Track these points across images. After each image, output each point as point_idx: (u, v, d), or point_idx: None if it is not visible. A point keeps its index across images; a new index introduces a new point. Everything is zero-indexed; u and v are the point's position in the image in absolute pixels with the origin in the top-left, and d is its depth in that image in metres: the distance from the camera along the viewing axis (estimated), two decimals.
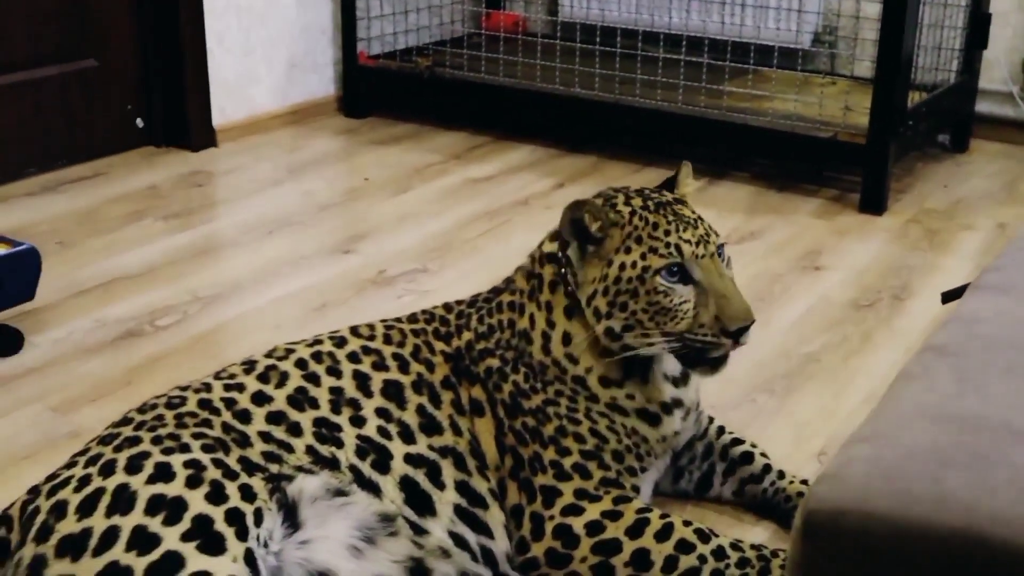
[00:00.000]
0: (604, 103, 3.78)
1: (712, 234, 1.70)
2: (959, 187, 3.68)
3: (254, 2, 3.99)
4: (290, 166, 3.76)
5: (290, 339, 1.84)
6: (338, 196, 3.51)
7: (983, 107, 4.10)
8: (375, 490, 1.62)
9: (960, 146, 4.06)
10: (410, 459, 1.68)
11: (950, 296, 1.88)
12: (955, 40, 3.86)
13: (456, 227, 3.24)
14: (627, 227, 1.68)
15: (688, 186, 1.83)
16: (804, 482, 1.89)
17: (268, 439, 1.61)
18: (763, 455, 1.94)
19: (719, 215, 3.28)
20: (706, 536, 1.66)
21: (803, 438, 2.15)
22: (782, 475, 1.90)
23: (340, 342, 1.79)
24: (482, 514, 1.70)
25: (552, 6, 4.73)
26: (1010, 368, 1.25)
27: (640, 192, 1.75)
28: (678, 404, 1.79)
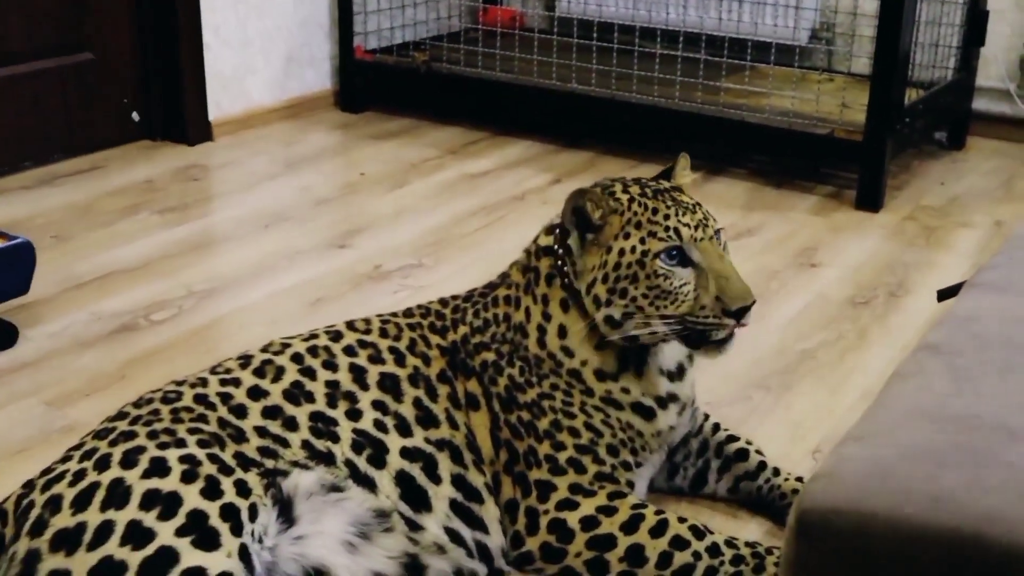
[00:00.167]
0: (601, 99, 3.78)
1: (710, 218, 1.70)
2: (956, 184, 3.68)
3: None
4: (286, 160, 3.75)
5: (286, 334, 1.84)
6: (334, 191, 3.50)
7: (980, 104, 4.10)
8: (371, 485, 1.62)
9: (957, 143, 4.06)
10: (406, 453, 1.67)
11: (946, 294, 1.89)
12: (952, 37, 3.86)
13: (452, 222, 3.24)
14: (626, 213, 1.68)
15: (685, 177, 1.82)
16: (799, 479, 1.89)
17: (264, 434, 1.61)
18: (758, 452, 1.93)
19: (715, 211, 3.22)
20: (701, 533, 1.66)
21: (798, 435, 2.15)
22: (777, 472, 1.90)
23: (336, 336, 1.79)
24: (477, 509, 1.70)
25: (549, 1, 4.72)
26: (1006, 367, 1.25)
27: (637, 181, 1.75)
28: (673, 399, 1.79)
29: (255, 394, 1.65)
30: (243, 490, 1.46)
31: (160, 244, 3.02)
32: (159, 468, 1.44)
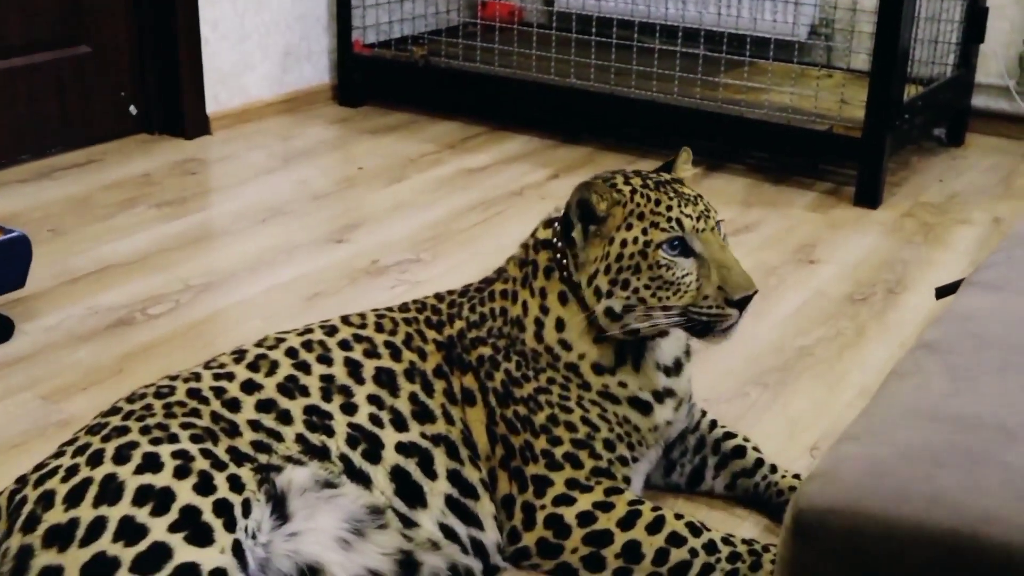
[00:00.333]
0: (599, 94, 3.77)
1: (711, 210, 1.70)
2: (954, 181, 3.67)
3: None
4: (284, 155, 3.75)
5: (282, 328, 1.83)
6: (332, 185, 3.49)
7: (979, 101, 4.10)
8: (365, 480, 1.62)
9: (956, 140, 4.05)
10: (402, 448, 1.67)
11: (944, 291, 1.88)
12: (952, 34, 3.85)
13: (450, 217, 3.23)
14: (629, 204, 1.68)
15: (686, 171, 1.82)
16: (796, 476, 1.89)
17: (257, 427, 1.60)
18: (755, 449, 1.93)
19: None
20: (697, 530, 1.66)
21: (796, 432, 2.15)
22: (774, 469, 1.90)
23: (331, 331, 1.78)
24: (473, 505, 1.70)
25: None
26: (1003, 367, 1.24)
27: (638, 173, 1.75)
28: (670, 394, 1.78)
29: (249, 388, 1.65)
30: (236, 486, 1.45)
31: (157, 238, 3.01)
32: (152, 464, 1.43)
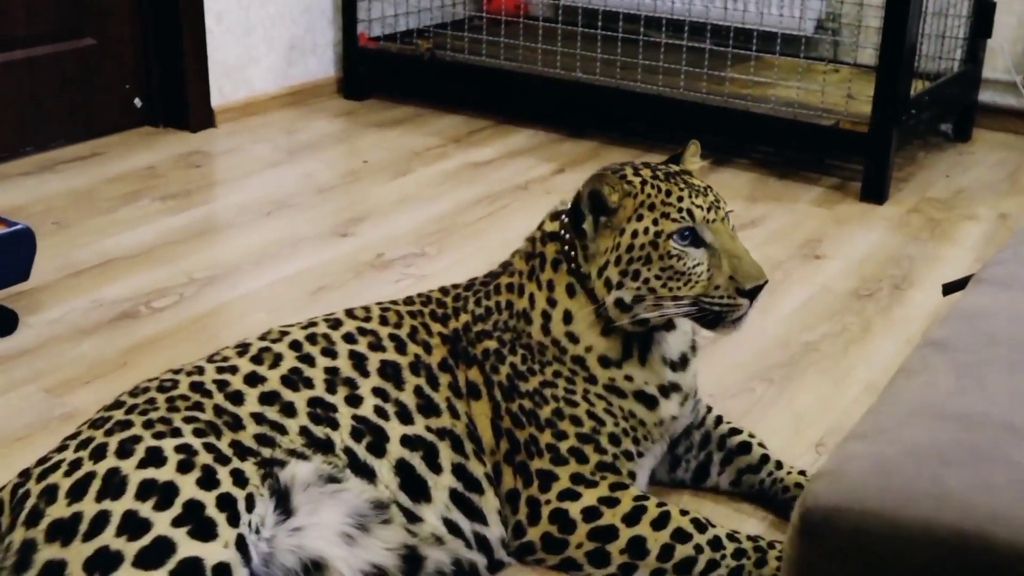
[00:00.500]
0: (605, 88, 3.76)
1: (721, 200, 1.70)
2: (961, 177, 3.66)
3: None
4: (289, 148, 3.74)
5: (287, 322, 1.83)
6: (337, 179, 3.49)
7: (986, 96, 4.09)
8: (370, 474, 1.61)
9: (963, 135, 4.04)
10: (407, 441, 1.66)
11: (951, 288, 1.87)
12: (959, 28, 3.84)
13: (455, 211, 3.22)
14: (639, 196, 1.68)
15: (693, 164, 1.82)
16: (802, 473, 1.88)
17: (261, 420, 1.59)
18: (761, 445, 1.92)
19: None
20: (703, 526, 1.65)
21: (801, 428, 2.14)
22: (780, 465, 1.89)
23: (335, 324, 1.77)
24: (477, 499, 1.69)
25: None
26: (1011, 365, 1.24)
27: (647, 164, 1.75)
28: (676, 388, 1.78)
29: (252, 380, 1.64)
30: (240, 480, 1.45)
31: (161, 231, 3.01)
32: (155, 458, 1.43)
